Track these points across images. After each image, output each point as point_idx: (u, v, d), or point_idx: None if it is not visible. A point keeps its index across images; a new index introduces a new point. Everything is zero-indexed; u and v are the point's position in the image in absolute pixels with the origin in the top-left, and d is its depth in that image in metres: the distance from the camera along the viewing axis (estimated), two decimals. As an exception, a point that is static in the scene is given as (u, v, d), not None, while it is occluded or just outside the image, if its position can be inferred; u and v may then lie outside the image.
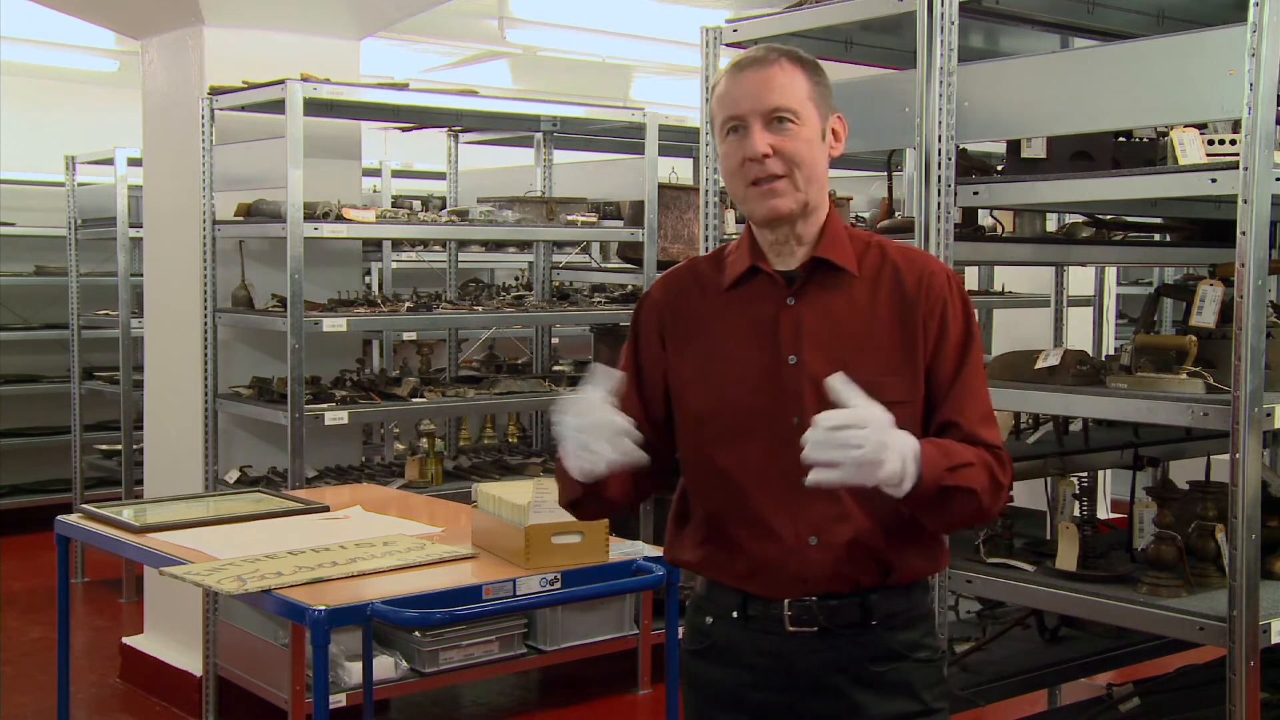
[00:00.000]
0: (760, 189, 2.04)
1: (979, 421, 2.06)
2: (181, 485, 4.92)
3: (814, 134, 2.05)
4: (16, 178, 7.94)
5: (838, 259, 2.08)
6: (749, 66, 2.06)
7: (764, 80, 2.03)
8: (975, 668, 3.42)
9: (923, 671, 2.12)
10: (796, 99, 2.03)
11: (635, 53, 7.99)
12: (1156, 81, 2.71)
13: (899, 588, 2.10)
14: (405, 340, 7.18)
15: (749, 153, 2.03)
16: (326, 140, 5.09)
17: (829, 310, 2.08)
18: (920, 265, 2.11)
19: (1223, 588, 2.71)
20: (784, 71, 2.04)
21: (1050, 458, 3.45)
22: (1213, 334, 2.93)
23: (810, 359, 2.05)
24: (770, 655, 2.10)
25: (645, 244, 5.44)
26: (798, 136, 2.03)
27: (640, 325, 2.21)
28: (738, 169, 2.05)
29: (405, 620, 2.59)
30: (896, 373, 2.05)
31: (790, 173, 2.03)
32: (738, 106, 2.04)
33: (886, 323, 2.07)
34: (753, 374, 2.08)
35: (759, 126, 2.03)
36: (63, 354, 7.65)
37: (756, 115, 2.03)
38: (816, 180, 2.07)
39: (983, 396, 2.10)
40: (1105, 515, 4.96)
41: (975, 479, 1.98)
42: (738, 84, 2.05)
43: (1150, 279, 7.99)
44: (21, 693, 5.13)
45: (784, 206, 2.04)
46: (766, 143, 2.02)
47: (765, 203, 2.04)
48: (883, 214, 3.61)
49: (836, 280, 2.09)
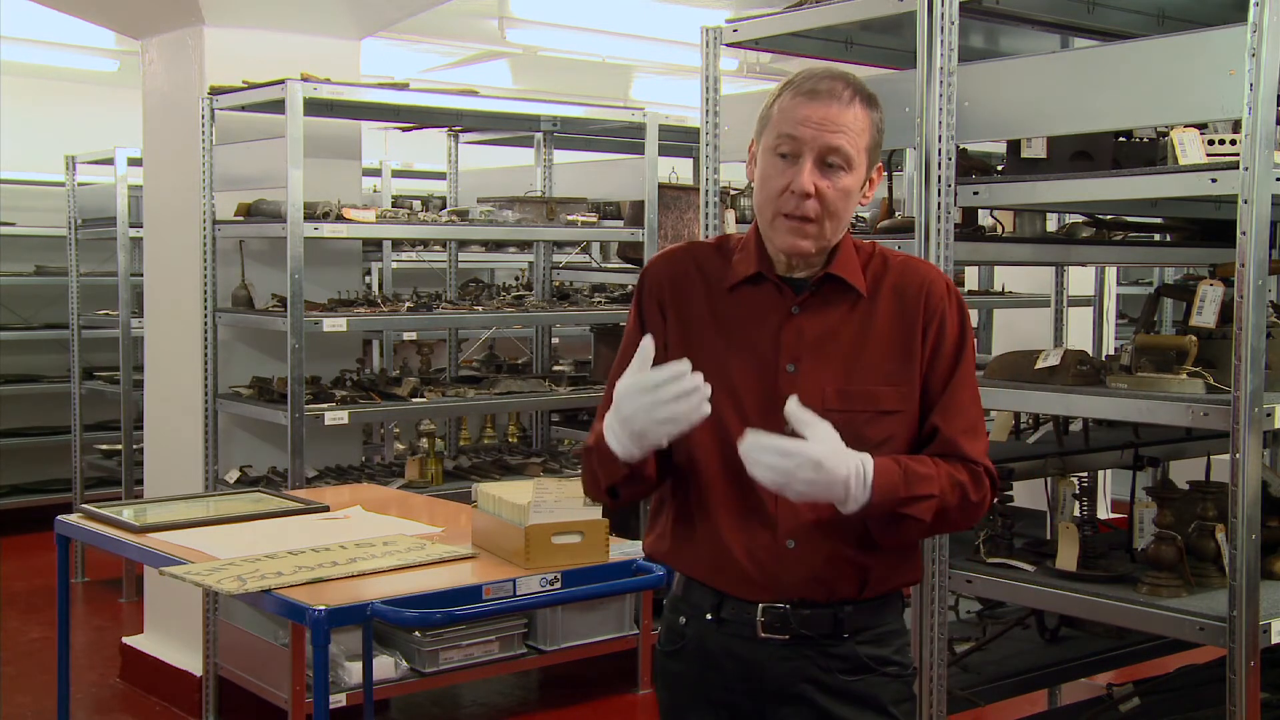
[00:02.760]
0: (790, 223, 2.03)
1: (963, 433, 2.07)
2: (181, 485, 4.92)
3: (857, 184, 2.05)
4: (16, 178, 7.94)
5: (850, 277, 2.09)
6: (824, 96, 2.01)
7: (834, 116, 2.00)
8: (975, 668, 3.42)
9: (891, 687, 2.13)
10: (857, 146, 2.02)
11: (635, 53, 7.99)
12: (1156, 81, 2.71)
13: (872, 601, 2.10)
14: (405, 340, 7.17)
15: (795, 185, 2.01)
16: (326, 140, 5.09)
17: (830, 321, 2.09)
18: (920, 276, 2.11)
19: (1223, 588, 2.71)
20: (854, 113, 2.02)
21: (1050, 458, 3.45)
22: (1213, 334, 2.93)
23: (808, 368, 2.06)
24: (741, 660, 2.11)
25: (645, 244, 5.44)
26: (843, 185, 2.02)
27: (644, 297, 2.21)
28: (775, 195, 2.03)
29: (405, 620, 2.59)
30: (893, 383, 2.07)
31: (822, 219, 2.02)
32: (798, 131, 2.01)
33: (885, 333, 2.08)
34: (749, 379, 2.09)
35: (811, 162, 2.00)
36: (63, 354, 7.65)
37: (813, 149, 2.00)
38: (843, 227, 2.08)
39: (971, 409, 2.10)
40: (1105, 515, 4.96)
41: (928, 509, 2.00)
42: (806, 108, 2.01)
43: (1150, 279, 8.00)
44: (21, 693, 5.13)
45: (806, 248, 2.05)
46: (814, 182, 2.00)
47: (790, 239, 2.04)
48: (883, 214, 3.61)
49: (842, 295, 2.10)
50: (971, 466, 2.06)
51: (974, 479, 2.06)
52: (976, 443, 2.09)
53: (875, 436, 2.05)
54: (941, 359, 2.08)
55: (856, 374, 2.05)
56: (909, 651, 2.20)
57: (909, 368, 2.07)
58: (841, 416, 2.03)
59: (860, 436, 2.03)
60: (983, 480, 2.07)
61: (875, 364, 2.07)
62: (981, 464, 2.08)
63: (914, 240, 3.03)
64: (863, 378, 2.05)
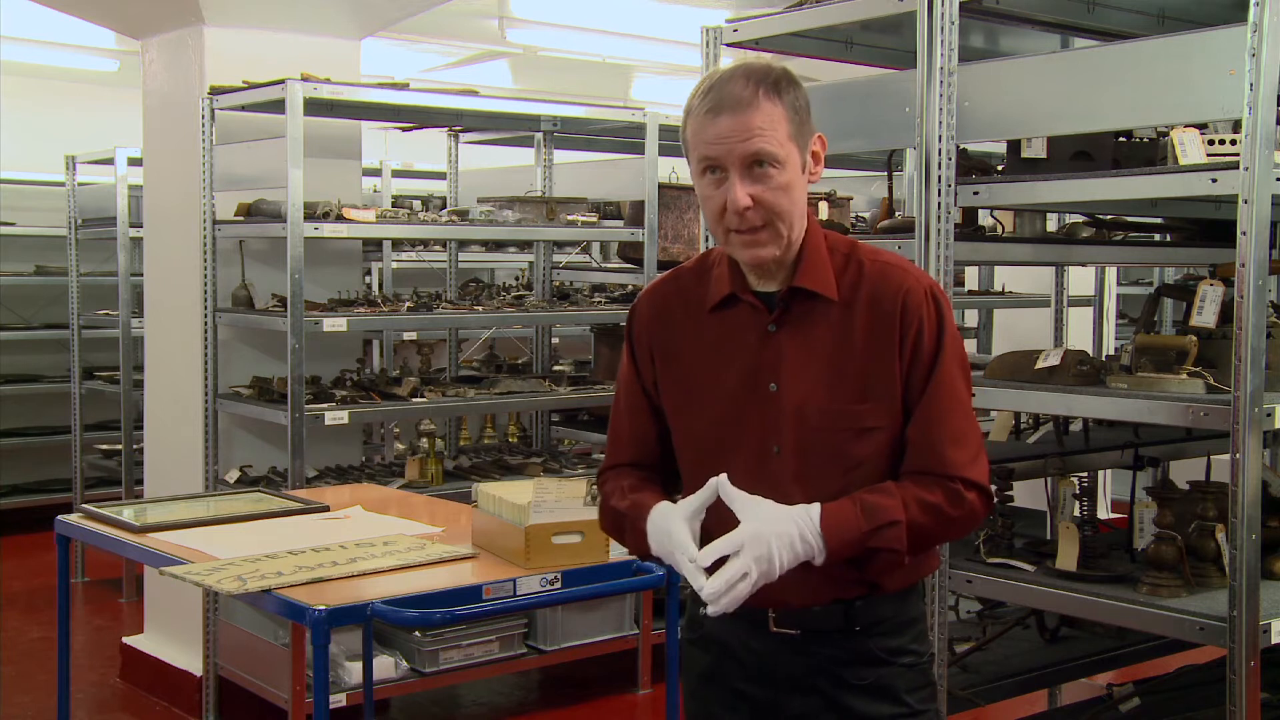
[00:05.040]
0: (742, 238, 1.99)
1: (940, 443, 2.01)
2: (181, 485, 4.92)
3: (794, 174, 1.98)
4: (16, 178, 7.94)
5: (817, 287, 2.04)
6: (726, 108, 1.93)
7: (742, 125, 1.93)
8: (975, 668, 3.42)
9: (908, 676, 2.12)
10: (777, 140, 1.95)
11: (635, 53, 7.99)
12: (1156, 81, 2.71)
13: (890, 596, 2.09)
14: (405, 340, 7.17)
15: (730, 204, 1.96)
16: (327, 140, 5.09)
17: (809, 338, 2.05)
18: (897, 283, 2.04)
19: (1223, 588, 2.71)
20: (762, 113, 1.93)
21: (1050, 458, 3.45)
22: (1213, 334, 2.93)
23: (789, 387, 2.04)
24: (756, 652, 2.12)
25: (645, 244, 5.44)
26: (778, 183, 1.96)
27: (634, 342, 2.21)
28: (718, 214, 1.99)
29: (405, 620, 2.59)
30: (873, 398, 2.03)
31: (771, 222, 1.98)
32: (713, 151, 1.96)
33: (863, 347, 2.03)
34: (735, 400, 2.08)
35: (737, 174, 1.95)
36: (63, 354, 7.65)
37: (735, 162, 1.94)
38: (798, 220, 2.02)
39: (950, 417, 2.02)
40: (1105, 515, 4.96)
41: (898, 539, 1.97)
42: (713, 126, 1.94)
43: (1150, 279, 8.00)
44: (21, 693, 5.13)
45: (767, 255, 2.01)
46: (746, 194, 1.94)
47: (749, 251, 2.01)
48: (883, 214, 3.61)
49: (816, 305, 2.05)
50: (945, 483, 1.99)
51: (949, 496, 1.99)
52: (957, 452, 2.01)
53: (859, 454, 2.03)
54: (918, 366, 2.02)
55: (837, 391, 2.02)
56: (926, 638, 2.18)
57: (889, 383, 2.02)
58: (825, 435, 2.02)
59: (845, 454, 2.02)
60: (961, 495, 1.99)
61: (855, 380, 2.02)
62: (960, 477, 2.00)
63: (914, 240, 3.04)
64: (843, 395, 2.02)
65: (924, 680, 2.15)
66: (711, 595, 1.92)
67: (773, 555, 1.92)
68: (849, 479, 2.02)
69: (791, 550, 1.93)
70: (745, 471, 2.03)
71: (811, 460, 2.03)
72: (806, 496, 1.99)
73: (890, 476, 2.05)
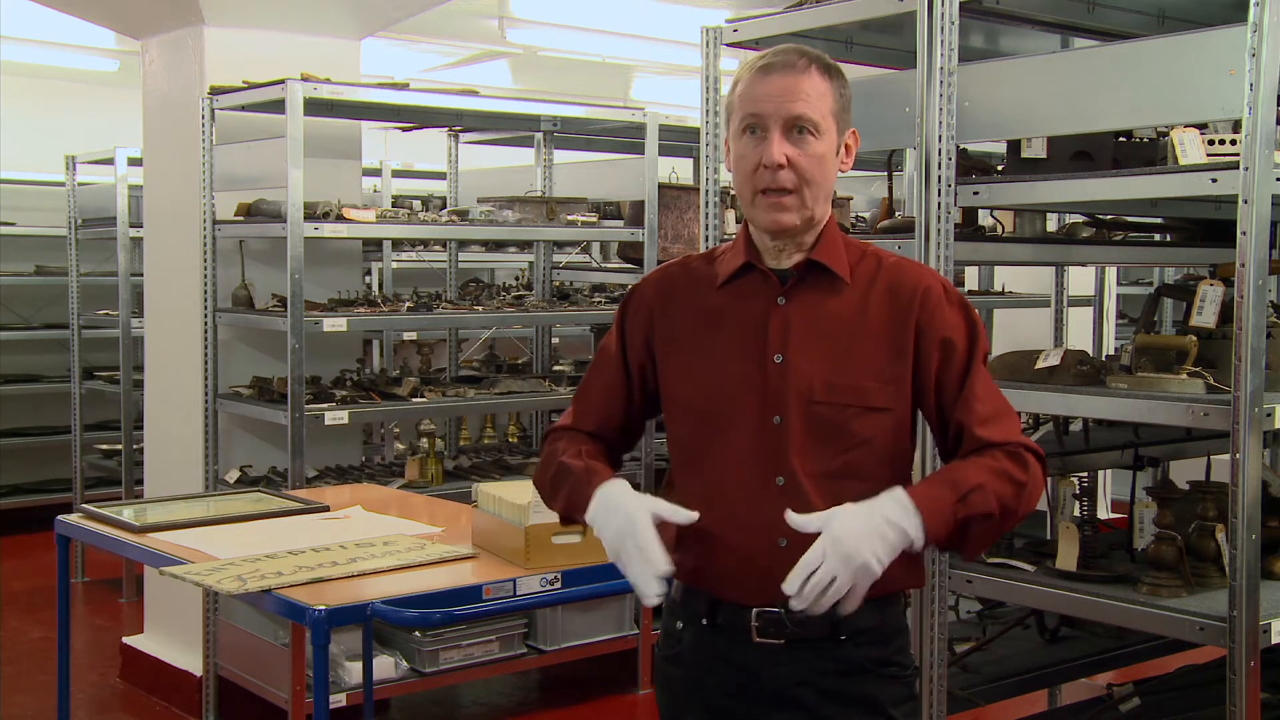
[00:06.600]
0: (769, 199, 2.03)
1: (989, 420, 2.04)
2: (181, 485, 4.92)
3: (830, 149, 2.04)
4: (16, 178, 7.94)
5: (832, 264, 2.08)
6: (779, 69, 2.03)
7: (792, 86, 2.01)
8: (975, 668, 3.42)
9: (890, 688, 2.10)
10: (820, 111, 2.02)
11: (635, 53, 7.99)
12: (1156, 81, 2.71)
13: (870, 603, 2.01)
14: (405, 340, 7.18)
15: (765, 159, 2.01)
16: (327, 140, 5.09)
17: (818, 313, 2.07)
18: (914, 278, 2.09)
19: (1223, 588, 2.71)
20: (812, 81, 2.02)
21: (1050, 458, 3.45)
22: (1213, 334, 2.93)
23: (795, 359, 2.05)
24: (736, 666, 2.10)
25: (645, 244, 5.44)
26: (814, 151, 2.02)
27: (627, 322, 2.21)
28: (750, 173, 2.04)
29: (405, 620, 2.59)
30: (882, 380, 2.05)
31: (800, 188, 2.02)
32: (760, 107, 2.02)
33: (876, 331, 2.06)
34: (738, 370, 2.08)
35: (778, 133, 2.01)
36: (63, 354, 7.65)
37: (778, 121, 2.01)
38: (824, 197, 2.07)
39: (991, 398, 2.08)
40: (1105, 515, 4.96)
41: (986, 502, 1.96)
42: (764, 84, 2.02)
43: (1150, 279, 8.00)
44: (21, 693, 5.13)
45: (789, 221, 2.04)
46: (784, 152, 2.00)
47: (771, 215, 2.04)
48: (883, 214, 3.61)
49: (829, 284, 2.08)
50: (1007, 448, 2.02)
51: (1014, 459, 2.01)
52: (1006, 424, 2.06)
53: (861, 433, 2.03)
54: (955, 362, 2.06)
55: (845, 367, 2.04)
56: (909, 653, 2.18)
57: (899, 369, 2.05)
58: (828, 410, 2.03)
59: (846, 431, 2.03)
60: (1024, 456, 2.02)
61: (865, 359, 2.05)
62: (1017, 441, 2.04)
63: (914, 240, 3.04)
64: (852, 372, 2.04)
65: (908, 694, 2.15)
66: (803, 601, 1.89)
67: (860, 552, 1.87)
68: (849, 456, 2.04)
69: (884, 540, 1.89)
70: (745, 439, 2.05)
71: (813, 433, 2.04)
72: (806, 470, 2.02)
73: (891, 460, 2.07)
